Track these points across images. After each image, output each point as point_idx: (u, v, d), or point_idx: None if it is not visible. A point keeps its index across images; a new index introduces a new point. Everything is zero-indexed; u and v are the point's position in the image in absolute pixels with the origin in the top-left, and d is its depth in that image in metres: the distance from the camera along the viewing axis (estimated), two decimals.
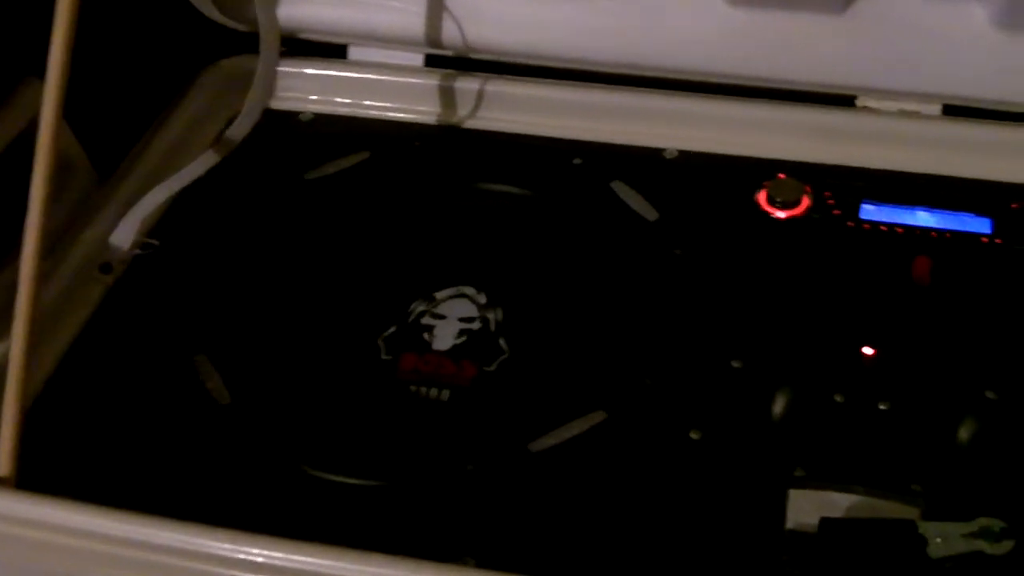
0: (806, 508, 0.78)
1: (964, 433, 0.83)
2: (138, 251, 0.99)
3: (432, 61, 1.12)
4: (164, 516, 0.74)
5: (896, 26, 1.00)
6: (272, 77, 1.10)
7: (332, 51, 1.13)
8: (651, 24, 1.02)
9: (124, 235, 0.98)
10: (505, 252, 0.98)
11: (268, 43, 1.08)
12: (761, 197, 0.98)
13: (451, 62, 1.11)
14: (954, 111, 1.02)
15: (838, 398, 0.85)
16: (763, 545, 0.76)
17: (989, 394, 0.84)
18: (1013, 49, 0.98)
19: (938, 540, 0.73)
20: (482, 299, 0.94)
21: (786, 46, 1.01)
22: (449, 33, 1.08)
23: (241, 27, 1.11)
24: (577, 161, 1.03)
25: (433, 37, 1.08)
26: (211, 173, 1.03)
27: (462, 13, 1.07)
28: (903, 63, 1.01)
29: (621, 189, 1.00)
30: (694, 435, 0.83)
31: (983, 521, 0.75)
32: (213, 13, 1.09)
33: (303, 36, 1.13)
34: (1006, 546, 0.73)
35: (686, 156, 1.04)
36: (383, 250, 0.99)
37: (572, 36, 1.04)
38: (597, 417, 0.84)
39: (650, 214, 0.98)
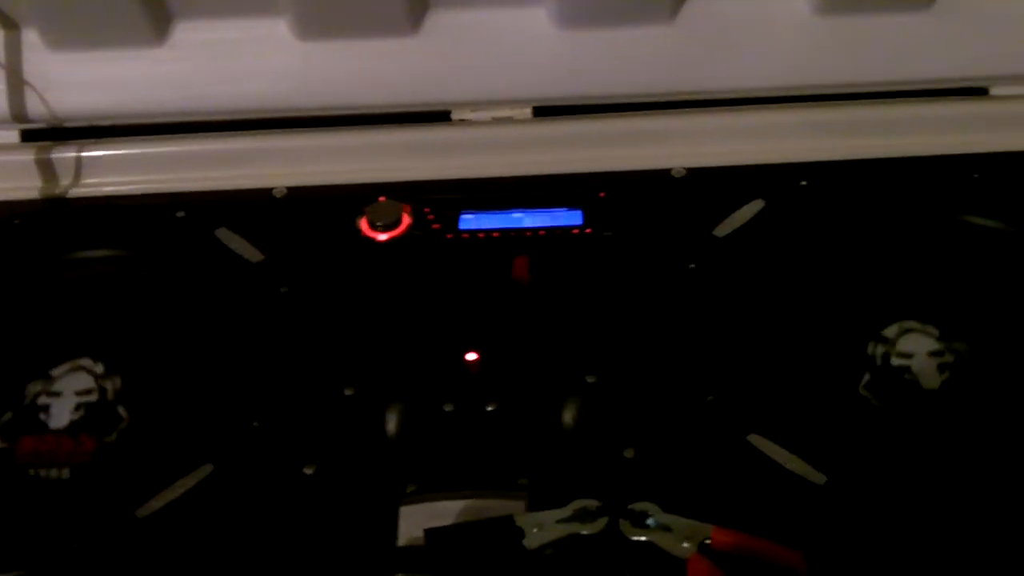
0: (418, 521, 0.79)
1: (568, 419, 0.85)
2: None
3: (29, 135, 1.08)
4: None
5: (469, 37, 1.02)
6: None
7: None
8: (226, 67, 1.02)
9: None
10: (116, 317, 0.95)
11: None
12: (363, 223, 0.99)
13: (48, 133, 1.08)
14: (544, 111, 1.05)
15: (447, 407, 0.86)
16: (381, 568, 0.77)
17: (589, 378, 0.87)
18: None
19: (535, 530, 0.76)
20: (99, 369, 0.91)
21: (356, 72, 1.02)
22: (35, 106, 1.05)
23: None
24: (180, 214, 1.02)
25: (19, 112, 1.05)
26: None
27: (44, 84, 1.04)
28: (488, 73, 1.04)
29: (225, 235, 0.99)
30: (308, 470, 0.83)
31: (578, 503, 0.77)
32: None
33: None
34: (600, 524, 0.76)
35: (294, 192, 1.04)
36: None
37: (154, 89, 1.03)
38: (204, 471, 0.83)
39: (255, 256, 0.97)
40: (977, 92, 1.06)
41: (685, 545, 0.74)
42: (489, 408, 0.86)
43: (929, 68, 1.04)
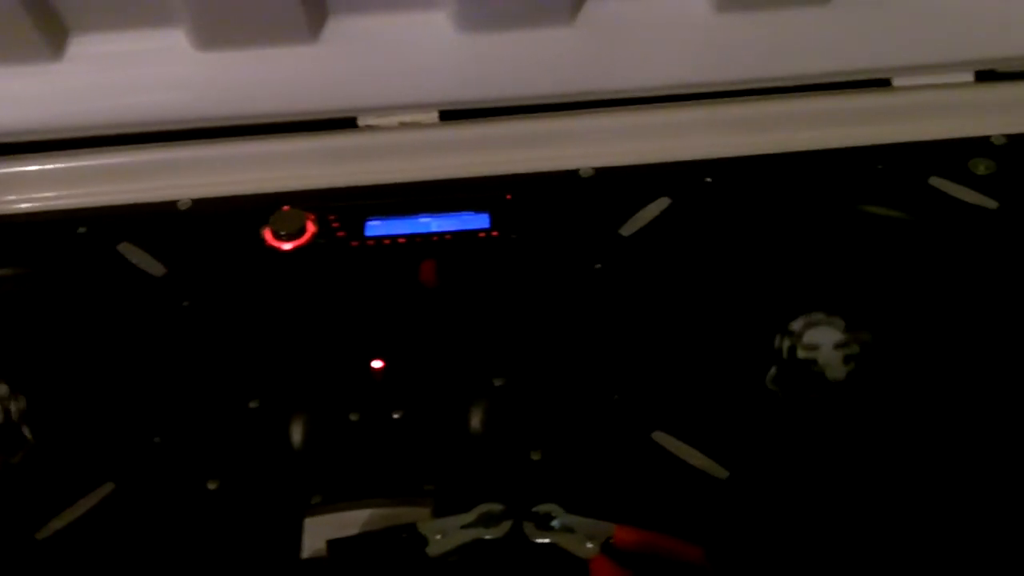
0: (323, 533, 0.78)
1: (475, 423, 0.85)
2: None
3: None
4: None
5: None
6: None
7: None
8: (125, 80, 1.01)
9: None
10: (18, 336, 0.94)
11: None
12: (267, 233, 0.98)
13: None
14: (450, 115, 1.05)
15: (353, 416, 0.86)
16: None
17: (497, 381, 0.87)
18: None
19: (438, 536, 0.75)
20: (3, 390, 0.90)
21: (258, 81, 1.01)
22: None
23: None
24: (82, 230, 1.00)
25: None
26: None
27: None
28: (393, 78, 1.04)
29: (127, 250, 0.98)
30: (211, 485, 0.82)
31: (482, 508, 0.77)
32: None
33: None
34: (504, 527, 0.76)
35: (199, 204, 1.02)
36: None
37: (52, 105, 1.01)
38: (105, 489, 0.81)
39: (157, 270, 0.96)
40: (880, 84, 1.07)
41: (589, 545, 0.74)
42: (395, 415, 0.86)
43: (831, 61, 1.04)
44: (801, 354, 0.88)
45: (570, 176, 1.03)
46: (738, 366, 0.87)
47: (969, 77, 1.07)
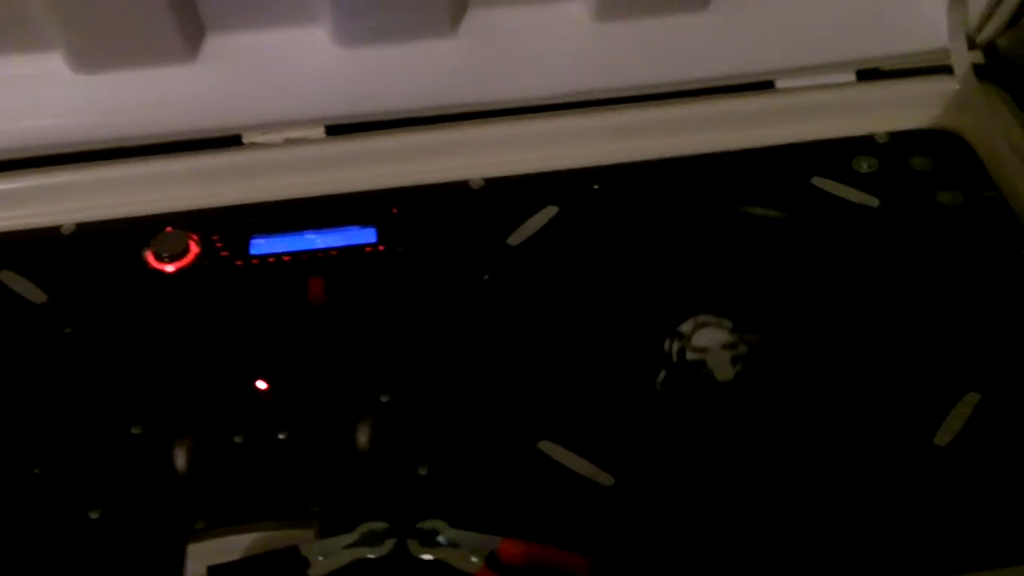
0: (206, 559, 0.76)
1: (362, 440, 0.84)
2: None
3: None
4: None
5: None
6: None
7: None
8: (2, 104, 0.99)
9: None
10: None
11: None
12: (149, 255, 0.96)
13: None
14: (337, 130, 1.04)
15: (238, 439, 0.84)
16: None
17: (384, 398, 0.86)
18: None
19: (320, 558, 0.74)
20: None
21: (138, 103, 1.00)
22: None
23: None
24: None
25: None
26: None
27: None
28: (277, 94, 1.03)
29: (8, 277, 0.96)
30: (93, 515, 0.80)
31: (365, 527, 0.76)
32: None
33: None
34: (388, 546, 0.75)
35: (83, 228, 1.00)
36: None
37: None
38: None
39: (38, 297, 0.94)
40: (764, 86, 1.08)
41: (473, 560, 0.74)
42: (281, 436, 0.85)
43: (713, 66, 1.05)
44: (690, 356, 0.88)
45: (460, 187, 1.02)
46: (628, 371, 0.88)
47: (851, 77, 1.08)
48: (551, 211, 0.99)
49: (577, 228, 0.98)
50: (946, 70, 1.06)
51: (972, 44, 1.06)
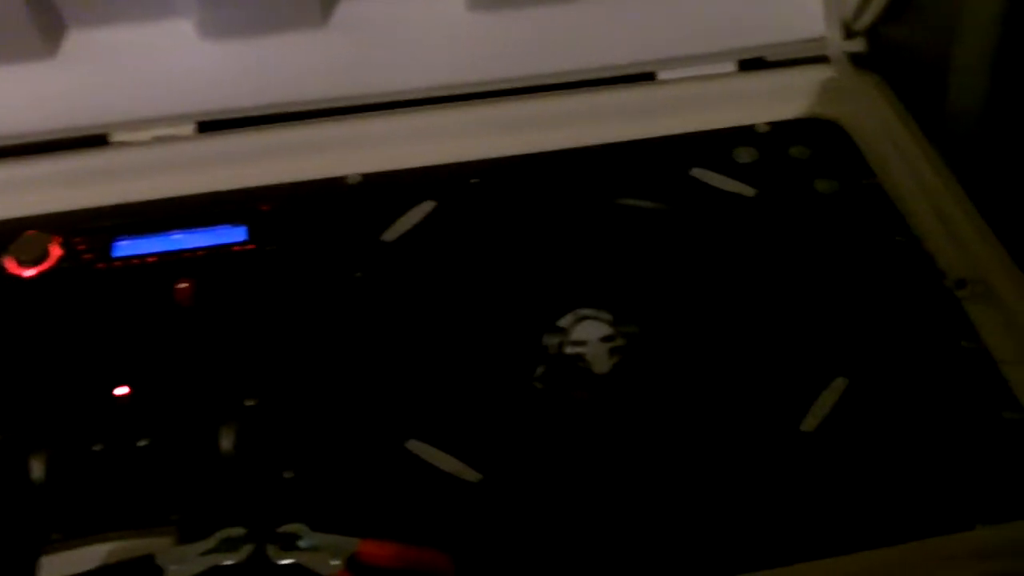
0: (59, 570, 0.74)
1: (226, 445, 0.82)
2: None
3: None
4: None
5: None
6: None
7: None
8: None
9: None
10: None
11: None
12: (7, 260, 0.93)
13: None
14: (209, 127, 1.01)
15: (97, 447, 0.81)
16: None
17: (249, 401, 0.84)
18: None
19: (174, 566, 0.72)
20: None
21: None
22: None
23: None
24: None
25: None
26: None
27: None
28: (144, 90, 1.00)
29: None
30: None
31: (223, 533, 0.74)
32: None
33: None
34: (245, 552, 0.73)
35: None
36: None
37: None
38: None
39: None
40: (645, 78, 1.07)
41: (333, 563, 0.72)
42: (142, 443, 0.82)
43: (592, 57, 1.04)
44: (569, 350, 0.86)
45: (336, 183, 1.00)
46: (505, 368, 0.86)
47: (732, 67, 1.07)
48: (428, 206, 0.97)
49: (455, 223, 0.96)
50: (826, 59, 1.06)
51: (852, 33, 1.06)
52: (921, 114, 1.02)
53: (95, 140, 1.01)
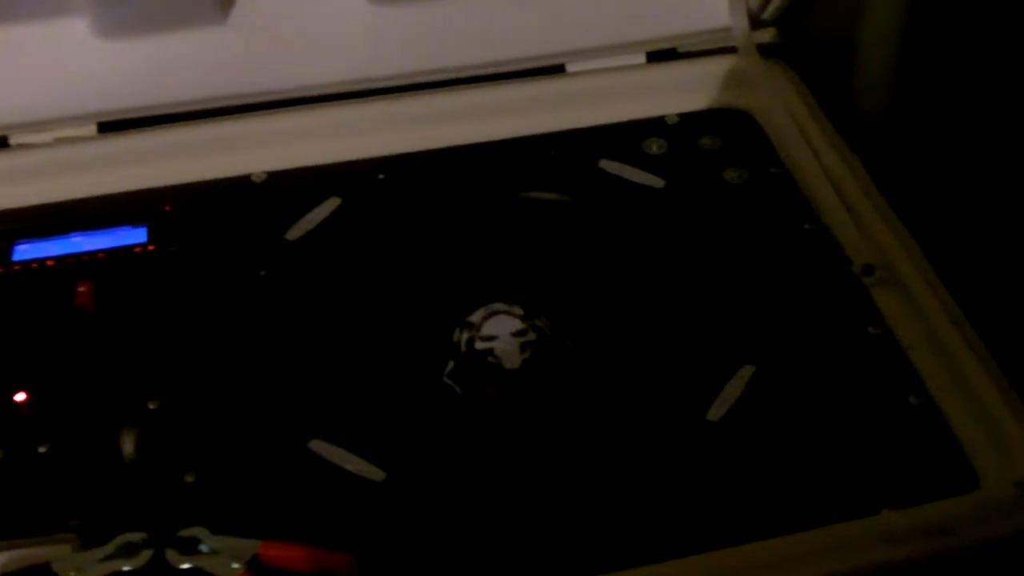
0: None
1: (127, 449, 0.80)
2: None
3: None
4: None
5: None
6: None
7: None
8: None
9: None
10: None
11: None
12: None
13: None
14: (109, 127, 0.99)
15: None
16: None
17: (151, 404, 0.82)
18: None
19: (72, 573, 0.70)
20: None
21: None
22: None
23: None
24: None
25: None
26: None
27: None
28: (43, 90, 0.97)
29: None
30: None
31: (122, 538, 0.72)
32: None
33: None
34: (145, 557, 0.71)
35: None
36: None
37: None
38: None
39: None
40: (554, 70, 1.06)
41: (234, 566, 0.70)
42: (41, 449, 0.80)
43: (499, 50, 1.03)
44: (479, 346, 0.86)
45: (241, 182, 0.98)
46: (414, 365, 0.85)
47: (642, 59, 1.07)
48: (334, 203, 0.96)
49: (361, 220, 0.95)
50: (735, 50, 1.06)
51: (760, 23, 1.07)
52: (831, 103, 1.03)
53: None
